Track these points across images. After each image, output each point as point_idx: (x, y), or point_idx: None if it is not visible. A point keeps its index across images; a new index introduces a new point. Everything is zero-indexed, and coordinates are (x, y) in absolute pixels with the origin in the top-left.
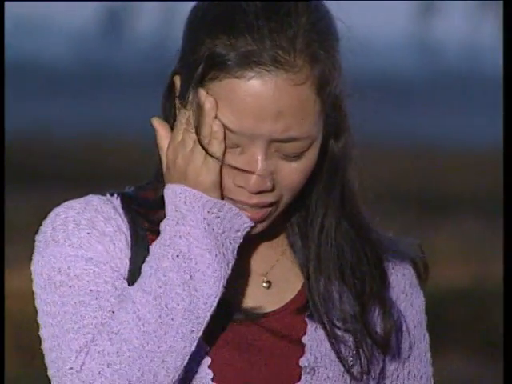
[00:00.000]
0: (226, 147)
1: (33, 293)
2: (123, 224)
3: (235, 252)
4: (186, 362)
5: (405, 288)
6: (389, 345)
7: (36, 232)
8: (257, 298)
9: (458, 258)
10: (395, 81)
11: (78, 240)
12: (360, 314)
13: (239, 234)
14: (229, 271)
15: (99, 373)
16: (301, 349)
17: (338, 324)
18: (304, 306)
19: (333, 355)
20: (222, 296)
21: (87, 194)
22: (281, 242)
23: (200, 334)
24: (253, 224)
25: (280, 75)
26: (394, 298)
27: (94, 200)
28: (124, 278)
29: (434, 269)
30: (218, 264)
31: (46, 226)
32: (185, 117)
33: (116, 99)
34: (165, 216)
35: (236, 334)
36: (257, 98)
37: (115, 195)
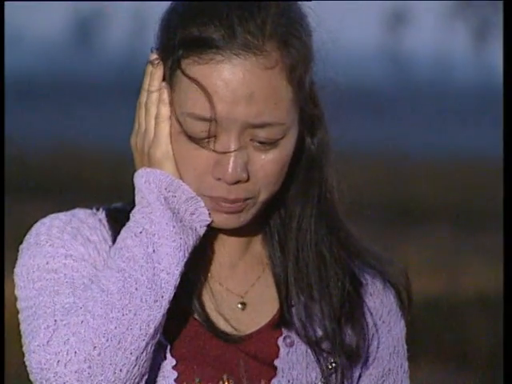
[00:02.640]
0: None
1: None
2: (108, 236)
3: (195, 234)
4: (152, 331)
5: (382, 315)
6: (360, 356)
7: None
8: (232, 319)
9: (429, 268)
10: (366, 91)
11: (60, 241)
12: (337, 331)
13: (194, 217)
14: (190, 247)
15: (64, 343)
16: (273, 371)
17: (318, 344)
18: (279, 329)
19: (304, 379)
20: (195, 313)
21: (61, 204)
22: (261, 258)
23: (166, 303)
24: (206, 210)
25: (249, 59)
26: (370, 323)
27: (79, 212)
28: None
29: None
30: (177, 234)
31: (30, 233)
32: (142, 97)
33: (87, 109)
34: None
35: (208, 351)
36: (227, 82)
37: (101, 209)
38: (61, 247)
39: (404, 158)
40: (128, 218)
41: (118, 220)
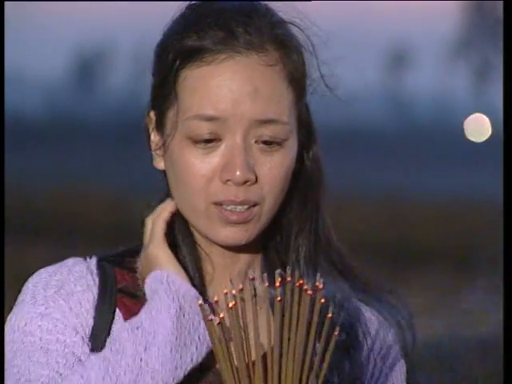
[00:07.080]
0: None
1: None
2: (93, 283)
3: (196, 354)
4: None
5: (380, 352)
6: None
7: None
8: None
9: (430, 311)
10: (366, 134)
11: (42, 298)
12: (338, 359)
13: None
14: (188, 360)
15: None
16: None
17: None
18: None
19: None
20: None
21: (63, 245)
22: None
23: None
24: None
25: (251, 56)
26: (371, 359)
27: (69, 261)
28: (84, 337)
29: None
30: (175, 348)
31: (22, 291)
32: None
33: (88, 151)
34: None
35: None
36: (231, 79)
37: (93, 257)
38: (41, 305)
39: (404, 200)
40: (119, 263)
41: (106, 266)
